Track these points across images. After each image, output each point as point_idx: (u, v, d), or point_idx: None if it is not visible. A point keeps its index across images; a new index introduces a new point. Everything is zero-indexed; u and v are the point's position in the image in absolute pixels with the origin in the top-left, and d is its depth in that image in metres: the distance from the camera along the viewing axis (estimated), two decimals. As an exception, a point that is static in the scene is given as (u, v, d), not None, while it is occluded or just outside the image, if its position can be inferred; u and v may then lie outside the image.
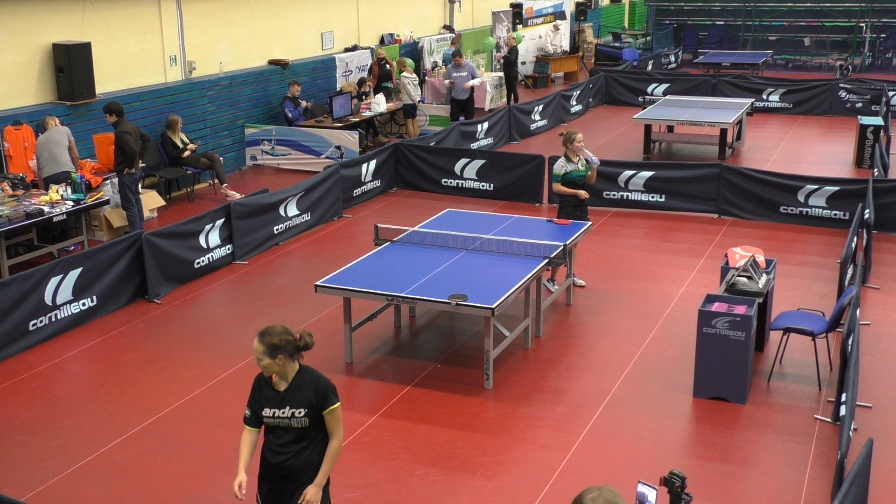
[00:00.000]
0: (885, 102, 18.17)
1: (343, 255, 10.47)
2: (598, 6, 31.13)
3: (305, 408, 4.57)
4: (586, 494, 3.07)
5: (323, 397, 4.56)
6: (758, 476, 6.39)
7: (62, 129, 11.20)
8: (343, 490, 6.19)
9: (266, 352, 4.49)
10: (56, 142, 11.00)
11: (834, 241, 11.34)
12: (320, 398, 4.56)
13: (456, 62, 17.53)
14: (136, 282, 9.63)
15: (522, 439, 6.89)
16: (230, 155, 15.05)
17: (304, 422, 4.58)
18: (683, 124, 16.15)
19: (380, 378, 7.92)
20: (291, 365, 4.59)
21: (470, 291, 7.52)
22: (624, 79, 21.95)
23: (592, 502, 3.03)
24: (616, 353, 8.38)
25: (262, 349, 4.50)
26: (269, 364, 4.52)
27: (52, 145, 10.97)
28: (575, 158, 9.65)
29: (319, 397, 4.55)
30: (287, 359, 4.54)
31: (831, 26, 29.42)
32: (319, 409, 4.57)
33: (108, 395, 7.67)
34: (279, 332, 4.52)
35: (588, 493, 3.06)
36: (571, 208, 9.67)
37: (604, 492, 3.06)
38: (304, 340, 4.57)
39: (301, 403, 4.57)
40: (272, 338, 4.49)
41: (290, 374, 4.60)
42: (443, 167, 13.85)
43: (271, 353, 4.49)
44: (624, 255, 11.05)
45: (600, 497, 3.03)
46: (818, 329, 7.73)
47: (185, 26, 14.07)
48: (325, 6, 17.43)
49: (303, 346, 4.58)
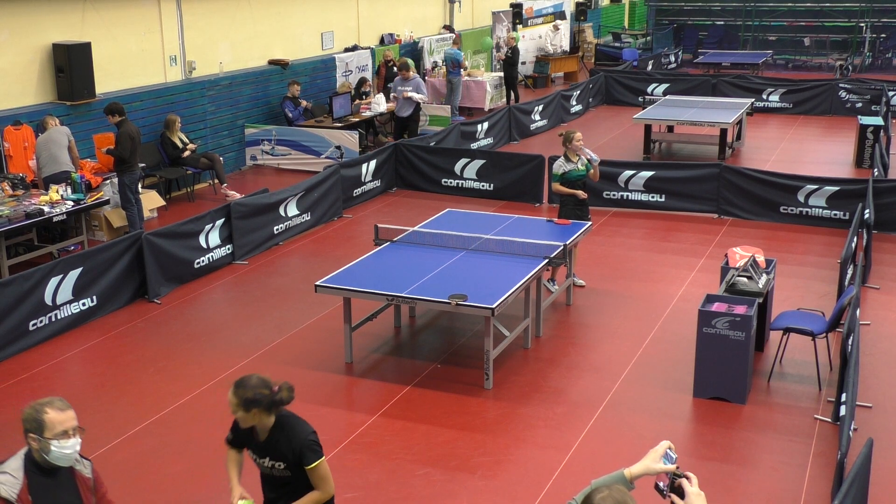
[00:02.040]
0: (885, 102, 18.17)
1: (343, 255, 10.46)
2: (598, 6, 31.13)
3: (284, 462, 4.33)
4: (596, 494, 3.06)
5: (299, 456, 4.29)
6: (758, 476, 6.39)
7: (62, 128, 11.20)
8: (343, 490, 6.19)
9: (240, 405, 4.22)
10: (56, 142, 11.00)
11: (834, 241, 11.34)
12: (297, 456, 4.30)
13: (403, 76, 15.91)
14: (136, 282, 9.63)
15: (522, 439, 6.89)
16: (230, 155, 15.05)
17: (285, 473, 4.37)
18: (683, 124, 16.15)
19: (380, 378, 7.92)
20: (268, 419, 4.30)
21: (470, 291, 7.52)
22: (624, 79, 21.95)
23: (602, 502, 3.02)
24: (616, 353, 8.38)
25: (235, 402, 4.24)
26: (244, 417, 4.26)
27: (52, 145, 10.97)
28: (574, 158, 9.65)
29: (296, 455, 4.29)
30: (263, 412, 4.25)
31: (831, 26, 29.42)
32: (299, 465, 4.32)
33: (108, 395, 7.67)
34: (254, 385, 4.23)
35: (598, 493, 3.06)
36: (572, 208, 9.67)
37: (613, 492, 3.05)
38: (280, 395, 4.26)
39: (280, 457, 4.34)
40: (246, 391, 4.21)
41: (268, 426, 4.32)
42: (443, 167, 13.85)
43: (245, 407, 4.22)
44: (624, 255, 11.05)
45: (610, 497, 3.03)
46: (818, 329, 7.73)
47: (185, 26, 14.07)
48: (325, 6, 17.42)
49: (278, 401, 4.26)
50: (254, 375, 4.32)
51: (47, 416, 3.73)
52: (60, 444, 3.75)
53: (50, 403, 3.77)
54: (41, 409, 3.74)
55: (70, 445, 3.77)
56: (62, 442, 3.75)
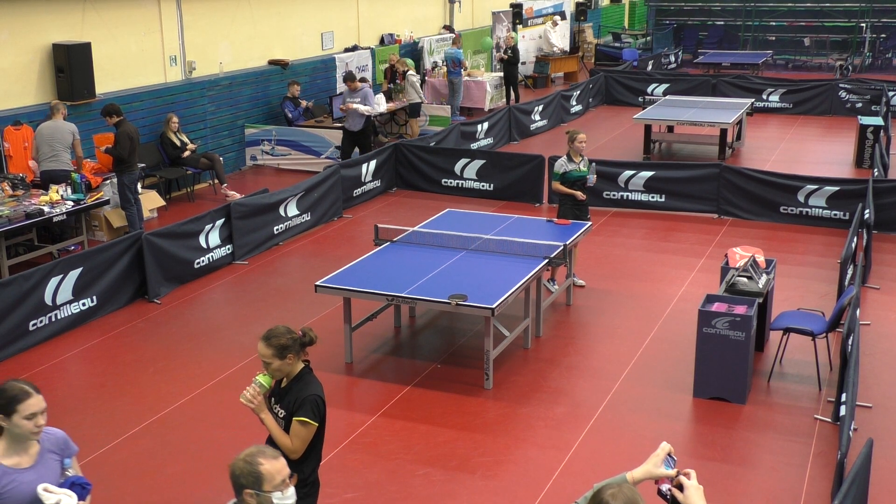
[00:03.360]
0: (885, 102, 18.16)
1: (343, 255, 10.46)
2: (598, 6, 31.12)
3: (286, 411, 4.52)
4: (606, 491, 3.07)
5: (298, 405, 4.46)
6: (758, 476, 6.39)
7: (68, 125, 11.17)
8: (343, 490, 6.19)
9: (275, 354, 4.43)
10: (60, 139, 10.99)
11: (834, 241, 11.34)
12: (296, 405, 4.47)
13: (349, 86, 14.34)
14: (136, 282, 9.63)
15: (522, 439, 6.89)
16: (230, 155, 15.05)
17: (282, 424, 4.53)
18: (683, 124, 16.15)
19: (380, 378, 7.92)
20: (298, 364, 4.54)
21: (470, 291, 7.52)
22: (624, 79, 21.95)
23: (612, 498, 3.02)
24: (616, 353, 8.38)
25: (270, 352, 4.43)
26: (280, 366, 4.47)
27: (55, 142, 10.97)
28: (577, 158, 9.65)
29: (297, 404, 4.47)
30: (295, 357, 4.49)
31: (831, 26, 29.42)
32: (291, 415, 4.48)
33: (108, 395, 7.67)
34: (284, 332, 4.48)
35: (608, 490, 3.07)
36: (570, 207, 9.68)
37: (623, 488, 3.06)
38: (308, 336, 4.55)
39: (287, 405, 4.52)
40: (279, 339, 4.44)
41: (293, 373, 4.55)
42: (443, 167, 13.85)
43: (280, 354, 4.43)
44: (624, 255, 11.05)
45: (620, 494, 3.03)
46: (818, 329, 7.73)
47: (185, 26, 14.07)
48: (325, 6, 17.42)
49: (308, 341, 4.54)
50: (278, 326, 4.54)
51: (264, 468, 3.37)
52: (282, 496, 3.41)
53: (261, 453, 3.41)
54: (254, 462, 3.38)
55: (290, 495, 3.44)
56: (284, 492, 3.41)
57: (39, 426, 3.82)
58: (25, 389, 3.79)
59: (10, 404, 3.76)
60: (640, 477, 3.41)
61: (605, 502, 3.03)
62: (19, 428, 3.77)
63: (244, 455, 3.42)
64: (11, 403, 3.76)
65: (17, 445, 3.82)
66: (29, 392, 3.80)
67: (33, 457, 3.87)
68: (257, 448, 3.46)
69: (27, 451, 3.85)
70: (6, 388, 3.80)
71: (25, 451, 3.85)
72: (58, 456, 3.98)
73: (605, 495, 3.04)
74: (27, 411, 3.76)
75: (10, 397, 3.77)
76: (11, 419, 3.76)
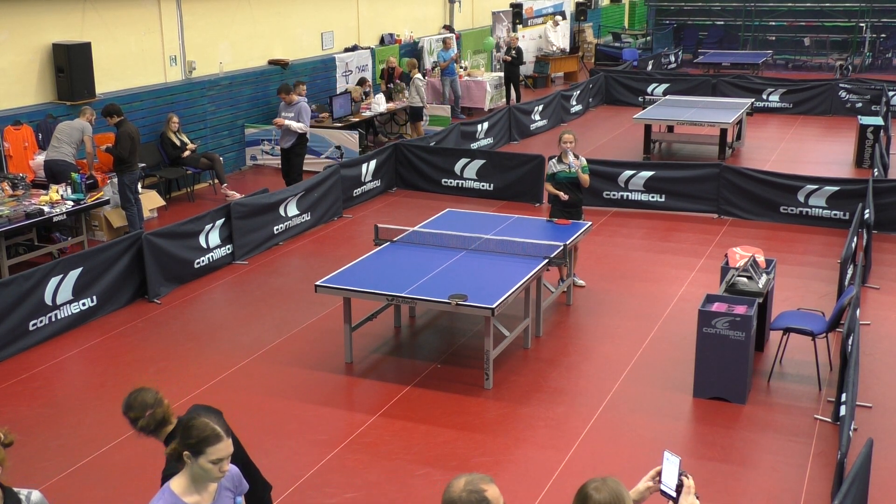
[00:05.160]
0: (885, 102, 18.17)
1: (343, 255, 10.46)
2: (598, 6, 31.12)
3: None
4: (590, 485, 3.08)
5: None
6: (758, 476, 6.39)
7: (82, 123, 11.22)
8: (343, 490, 6.19)
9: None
10: (66, 133, 11.12)
11: (834, 241, 11.34)
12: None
13: (284, 99, 12.83)
14: (136, 282, 9.63)
15: (522, 439, 6.89)
16: (230, 155, 15.05)
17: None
18: (683, 124, 16.15)
19: (380, 378, 7.92)
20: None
21: (470, 291, 7.52)
22: (624, 79, 21.95)
23: (596, 492, 3.03)
24: (616, 353, 8.38)
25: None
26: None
27: (62, 135, 11.11)
28: (567, 159, 9.63)
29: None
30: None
31: (831, 26, 29.41)
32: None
33: (108, 395, 7.67)
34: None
35: (592, 483, 3.08)
36: (559, 208, 9.69)
37: (608, 482, 3.07)
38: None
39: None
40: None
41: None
42: (443, 167, 13.85)
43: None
44: (624, 255, 11.05)
45: (604, 487, 3.04)
46: (818, 329, 7.73)
47: (185, 26, 14.07)
48: (325, 6, 17.42)
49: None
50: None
51: (489, 493, 3.20)
52: None
53: (483, 479, 3.18)
54: (478, 489, 3.19)
55: None
56: None
57: (223, 472, 3.71)
58: (217, 433, 3.66)
59: (200, 445, 3.64)
60: (636, 498, 3.44)
61: (589, 496, 3.04)
62: (204, 470, 3.67)
63: (464, 484, 3.19)
64: (201, 445, 3.64)
65: (199, 484, 3.74)
66: (220, 436, 3.66)
67: (212, 494, 3.79)
68: (472, 476, 3.22)
69: (207, 489, 3.77)
70: (198, 427, 3.66)
71: (206, 489, 3.77)
72: (232, 493, 3.92)
73: (588, 489, 3.05)
74: (215, 455, 3.64)
75: (201, 438, 3.65)
76: (198, 460, 3.65)
